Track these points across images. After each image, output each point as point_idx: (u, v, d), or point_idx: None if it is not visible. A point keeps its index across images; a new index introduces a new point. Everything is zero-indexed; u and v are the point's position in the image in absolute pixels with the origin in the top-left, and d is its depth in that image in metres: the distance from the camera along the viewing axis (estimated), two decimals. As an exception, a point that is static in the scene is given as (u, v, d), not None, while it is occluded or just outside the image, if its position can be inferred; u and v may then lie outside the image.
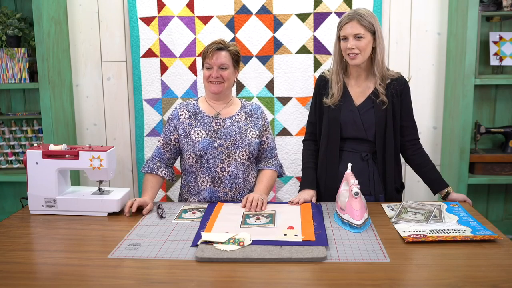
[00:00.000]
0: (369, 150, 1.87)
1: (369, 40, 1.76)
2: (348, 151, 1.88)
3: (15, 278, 1.24)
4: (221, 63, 1.88)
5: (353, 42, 1.75)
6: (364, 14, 1.76)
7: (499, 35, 2.69)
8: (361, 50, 1.76)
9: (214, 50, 1.86)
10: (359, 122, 1.84)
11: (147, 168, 1.96)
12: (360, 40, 1.75)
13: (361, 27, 1.74)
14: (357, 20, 1.74)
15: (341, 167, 1.85)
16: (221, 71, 1.89)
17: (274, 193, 2.89)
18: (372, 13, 1.79)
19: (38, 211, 1.76)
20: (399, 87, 1.85)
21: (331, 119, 1.87)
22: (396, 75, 1.86)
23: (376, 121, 1.83)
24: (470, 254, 1.35)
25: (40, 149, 1.75)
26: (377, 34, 1.77)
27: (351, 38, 1.76)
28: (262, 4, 2.74)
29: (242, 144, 1.91)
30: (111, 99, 2.95)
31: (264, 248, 1.37)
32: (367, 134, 1.84)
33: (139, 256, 1.36)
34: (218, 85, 1.90)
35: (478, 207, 2.84)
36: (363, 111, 1.85)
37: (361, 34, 1.75)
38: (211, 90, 1.91)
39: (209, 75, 1.89)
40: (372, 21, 1.76)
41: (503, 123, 2.85)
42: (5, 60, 2.71)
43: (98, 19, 2.87)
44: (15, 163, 2.90)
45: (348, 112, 1.85)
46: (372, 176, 1.87)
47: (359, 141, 1.87)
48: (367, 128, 1.84)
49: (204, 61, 1.91)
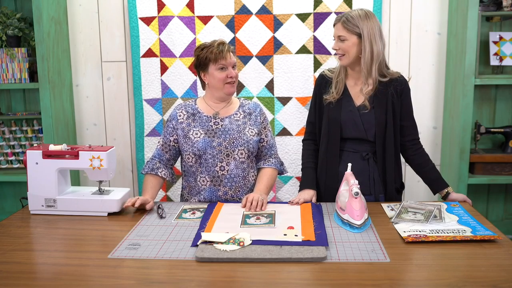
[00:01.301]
0: (369, 150, 1.87)
1: (353, 42, 1.77)
2: (348, 151, 1.88)
3: (15, 278, 1.24)
4: (234, 62, 1.90)
5: (337, 44, 1.81)
6: (351, 17, 1.76)
7: (499, 35, 2.69)
8: (345, 52, 1.79)
9: (227, 51, 1.87)
10: (359, 122, 1.84)
11: (147, 169, 1.96)
12: (343, 42, 1.79)
13: (343, 30, 1.77)
14: (342, 23, 1.78)
15: (341, 167, 1.86)
16: (233, 70, 1.90)
17: (274, 193, 2.88)
18: (365, 16, 1.76)
19: (38, 211, 1.76)
20: (399, 87, 1.85)
21: (331, 119, 1.87)
22: (396, 74, 1.87)
23: (376, 121, 1.83)
24: (470, 254, 1.35)
25: (40, 149, 1.75)
26: (363, 37, 1.75)
27: (336, 39, 1.82)
28: (262, 4, 2.74)
29: (240, 143, 1.91)
30: (111, 99, 2.95)
31: (264, 248, 1.37)
32: (367, 134, 1.85)
33: (139, 256, 1.36)
34: (234, 84, 1.91)
35: (478, 207, 2.84)
36: (363, 111, 1.85)
37: (343, 36, 1.78)
38: (229, 92, 1.91)
39: (226, 75, 1.87)
40: (360, 24, 1.75)
41: (503, 123, 2.85)
42: (5, 60, 2.71)
43: (98, 19, 2.87)
44: (15, 163, 2.90)
45: (348, 112, 1.85)
46: (372, 176, 1.87)
47: (359, 141, 1.87)
48: (367, 128, 1.84)
49: (216, 62, 1.85)
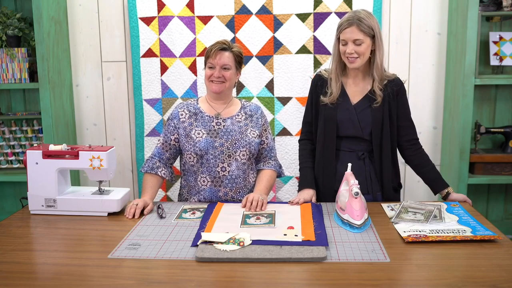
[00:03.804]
0: (366, 149, 1.88)
1: (368, 44, 1.77)
2: (345, 150, 1.89)
3: (15, 278, 1.24)
4: (223, 63, 1.88)
5: (352, 47, 1.76)
6: (363, 18, 1.74)
7: (499, 35, 2.69)
8: (360, 54, 1.77)
9: (217, 50, 1.87)
10: (356, 120, 1.85)
11: (146, 168, 1.95)
12: (360, 45, 1.75)
13: (360, 33, 1.74)
14: (357, 25, 1.73)
15: (339, 166, 1.87)
16: (223, 71, 1.89)
17: (274, 193, 2.88)
18: (371, 15, 1.78)
19: (38, 211, 1.76)
20: (395, 87, 1.86)
21: (327, 117, 1.87)
22: (392, 76, 1.88)
23: (372, 120, 1.84)
24: (470, 254, 1.35)
25: (40, 149, 1.75)
26: (376, 37, 1.77)
27: (350, 43, 1.76)
28: (262, 4, 2.74)
29: (242, 144, 1.91)
30: (111, 99, 2.95)
31: (264, 248, 1.37)
32: (363, 133, 1.85)
33: (139, 256, 1.36)
34: (220, 84, 1.90)
35: (478, 207, 2.84)
36: (359, 109, 1.85)
37: (360, 39, 1.74)
38: (212, 89, 1.91)
39: (211, 74, 1.90)
40: (372, 24, 1.75)
41: (503, 123, 2.85)
42: (5, 60, 2.71)
43: (98, 19, 2.87)
44: (15, 163, 2.90)
45: (344, 111, 1.86)
46: (369, 175, 1.88)
47: (355, 140, 1.88)
48: (364, 127, 1.85)
49: (207, 60, 1.91)
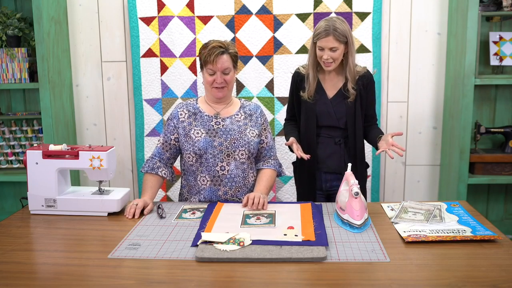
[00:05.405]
0: (341, 135, 2.11)
1: (342, 49, 1.96)
2: (324, 136, 2.11)
3: (15, 278, 1.24)
4: (224, 68, 1.86)
5: (329, 53, 1.95)
6: (338, 28, 1.91)
7: (499, 35, 2.69)
8: (335, 59, 1.97)
9: (217, 55, 1.83)
10: (332, 112, 2.07)
11: (146, 168, 1.95)
12: (335, 51, 1.94)
13: (336, 41, 1.92)
14: (333, 35, 1.91)
15: (319, 150, 2.11)
16: (224, 76, 1.87)
17: (274, 193, 2.89)
18: (344, 22, 1.95)
19: (38, 211, 1.76)
20: (365, 81, 2.06)
21: (308, 110, 2.09)
22: (363, 70, 2.07)
23: (346, 113, 2.06)
24: (470, 254, 1.35)
25: (40, 149, 1.75)
26: (349, 43, 1.95)
27: (326, 50, 1.95)
28: (262, 4, 2.74)
29: (241, 143, 1.91)
30: (111, 99, 2.95)
31: (264, 248, 1.37)
32: (339, 123, 2.08)
33: (139, 256, 1.36)
34: (222, 89, 1.89)
35: (478, 207, 2.84)
36: (335, 103, 2.06)
37: (336, 47, 1.93)
38: (217, 96, 1.91)
39: (212, 80, 1.87)
40: (345, 31, 1.93)
41: (503, 123, 2.85)
42: (5, 60, 2.71)
43: (98, 19, 2.87)
44: (15, 163, 2.90)
45: (322, 105, 2.07)
46: (343, 158, 2.10)
47: (332, 128, 2.10)
48: (339, 118, 2.07)
49: (206, 65, 1.87)
